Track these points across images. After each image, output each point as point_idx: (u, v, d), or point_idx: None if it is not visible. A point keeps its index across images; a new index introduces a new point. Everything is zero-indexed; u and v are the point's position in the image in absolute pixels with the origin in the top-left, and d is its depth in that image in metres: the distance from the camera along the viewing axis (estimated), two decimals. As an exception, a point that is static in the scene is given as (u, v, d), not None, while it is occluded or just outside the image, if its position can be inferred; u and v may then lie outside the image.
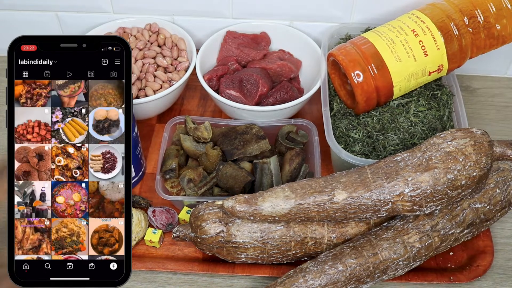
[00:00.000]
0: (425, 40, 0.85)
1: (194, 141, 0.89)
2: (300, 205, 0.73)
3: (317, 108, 1.01)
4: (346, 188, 0.72)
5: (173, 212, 0.86)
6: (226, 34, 1.03)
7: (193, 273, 0.81)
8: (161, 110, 0.99)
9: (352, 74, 0.84)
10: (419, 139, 0.86)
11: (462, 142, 0.73)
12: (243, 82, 0.96)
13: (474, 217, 0.78)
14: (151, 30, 1.02)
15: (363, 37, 0.88)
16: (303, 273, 0.73)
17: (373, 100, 0.86)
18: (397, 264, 0.74)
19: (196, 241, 0.77)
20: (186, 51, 1.01)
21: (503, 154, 0.75)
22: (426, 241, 0.75)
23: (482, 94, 1.06)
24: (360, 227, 0.78)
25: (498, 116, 1.03)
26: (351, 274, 0.73)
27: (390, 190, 0.72)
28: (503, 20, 0.85)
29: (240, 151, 0.87)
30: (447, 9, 0.86)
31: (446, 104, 0.90)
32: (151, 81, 0.95)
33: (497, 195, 0.79)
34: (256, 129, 0.90)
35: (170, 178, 0.86)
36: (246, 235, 0.76)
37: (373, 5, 1.00)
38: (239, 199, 0.74)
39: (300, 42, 1.02)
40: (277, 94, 0.95)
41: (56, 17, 1.05)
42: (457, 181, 0.71)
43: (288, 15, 1.03)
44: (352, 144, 0.86)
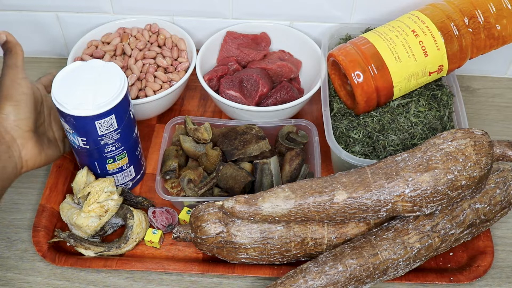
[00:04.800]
0: (425, 40, 0.84)
1: (194, 142, 0.89)
2: (300, 205, 0.73)
3: (317, 108, 1.01)
4: (346, 189, 0.72)
5: (173, 213, 0.86)
6: (226, 35, 1.02)
7: (193, 273, 0.81)
8: (161, 110, 0.99)
9: (352, 75, 0.84)
10: (419, 139, 0.86)
11: (462, 143, 0.73)
12: (243, 83, 0.96)
13: (474, 217, 0.78)
14: (151, 30, 1.02)
15: (363, 38, 0.88)
16: (303, 273, 0.73)
17: (373, 101, 0.86)
18: (397, 265, 0.74)
19: (196, 242, 0.77)
20: (186, 52, 1.01)
21: (503, 155, 0.75)
22: (426, 241, 0.75)
23: (482, 94, 1.06)
24: (360, 228, 0.78)
25: (498, 116, 1.02)
26: (351, 274, 0.73)
27: (390, 190, 0.72)
28: (503, 20, 0.85)
29: (240, 152, 0.87)
30: (447, 10, 0.86)
31: (446, 104, 0.90)
32: (151, 82, 0.95)
33: (497, 196, 0.79)
34: (256, 129, 0.90)
35: (170, 179, 0.86)
36: (246, 236, 0.76)
37: (373, 5, 1.00)
38: (239, 200, 0.74)
39: (300, 42, 1.02)
40: (277, 95, 0.95)
41: (56, 17, 1.05)
42: (457, 181, 0.71)
43: (288, 16, 1.03)
44: (352, 144, 0.86)
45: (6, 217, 0.88)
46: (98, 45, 1.01)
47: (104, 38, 1.02)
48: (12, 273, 0.82)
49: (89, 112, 0.76)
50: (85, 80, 0.78)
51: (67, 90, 0.77)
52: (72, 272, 0.82)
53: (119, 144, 0.82)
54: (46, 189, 0.88)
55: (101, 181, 0.84)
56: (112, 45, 1.00)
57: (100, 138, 0.79)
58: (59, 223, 0.87)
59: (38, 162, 0.80)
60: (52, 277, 0.81)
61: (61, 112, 0.77)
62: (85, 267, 0.81)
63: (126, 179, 0.89)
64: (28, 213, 0.89)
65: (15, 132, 0.77)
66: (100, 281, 0.81)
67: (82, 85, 0.77)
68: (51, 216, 0.86)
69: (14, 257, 0.84)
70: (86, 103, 0.75)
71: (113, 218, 0.84)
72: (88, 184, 0.84)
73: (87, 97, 0.76)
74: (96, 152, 0.82)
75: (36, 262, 0.83)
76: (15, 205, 0.90)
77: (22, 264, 0.83)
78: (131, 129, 0.84)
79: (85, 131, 0.78)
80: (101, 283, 0.81)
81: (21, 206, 0.90)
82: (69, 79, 0.79)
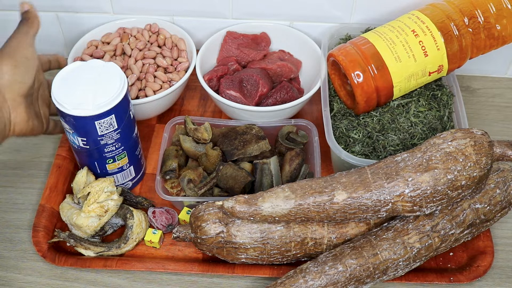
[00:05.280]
0: (425, 40, 0.84)
1: (193, 142, 0.89)
2: (300, 205, 0.73)
3: (317, 108, 1.01)
4: (346, 189, 0.72)
5: (173, 213, 0.86)
6: (226, 35, 1.02)
7: (193, 273, 0.81)
8: (161, 110, 0.99)
9: (352, 75, 0.84)
10: (419, 139, 0.86)
11: (462, 143, 0.73)
12: (243, 83, 0.96)
13: (474, 217, 0.78)
14: (151, 30, 1.02)
15: (363, 38, 0.88)
16: (303, 273, 0.73)
17: (373, 101, 0.86)
18: (397, 265, 0.74)
19: (196, 242, 0.77)
20: (186, 52, 1.01)
21: (503, 155, 0.75)
22: (426, 241, 0.75)
23: (482, 94, 1.06)
24: (360, 228, 0.78)
25: (498, 116, 1.02)
26: (351, 274, 0.73)
27: (390, 190, 0.72)
28: (503, 20, 0.85)
29: (240, 152, 0.87)
30: (447, 10, 0.86)
31: (446, 104, 0.90)
32: (151, 82, 0.95)
33: (497, 196, 0.79)
34: (256, 129, 0.90)
35: (170, 179, 0.86)
36: (246, 236, 0.76)
37: (373, 5, 1.00)
38: (239, 200, 0.74)
39: (300, 42, 1.02)
40: (277, 95, 0.95)
41: (56, 17, 1.05)
42: (457, 181, 0.71)
43: (288, 16, 1.03)
44: (352, 144, 0.86)
45: (6, 217, 0.88)
46: (98, 45, 1.01)
47: (104, 38, 1.02)
48: (12, 273, 0.82)
49: (89, 112, 0.76)
50: (85, 80, 0.78)
51: (67, 90, 0.77)
52: (72, 272, 0.82)
53: (119, 144, 0.82)
54: (46, 189, 0.88)
55: (101, 181, 0.84)
56: (112, 45, 1.00)
57: (100, 138, 0.79)
58: (59, 223, 0.87)
59: (24, 130, 0.79)
60: (52, 277, 0.81)
61: (61, 112, 0.77)
62: (85, 267, 0.81)
63: (126, 179, 0.89)
64: (28, 213, 0.89)
65: (8, 93, 0.76)
66: (100, 281, 0.81)
67: (82, 85, 0.77)
68: (51, 216, 0.86)
69: (14, 257, 0.84)
70: (86, 103, 0.75)
71: (113, 218, 0.84)
72: (88, 184, 0.84)
73: (87, 97, 0.76)
74: (96, 152, 0.82)
75: (36, 262, 0.83)
76: (15, 205, 0.90)
77: (22, 264, 0.83)
78: (131, 129, 0.84)
79: (85, 131, 0.78)
80: (101, 283, 0.81)
81: (21, 206, 0.90)
82: (69, 79, 0.79)
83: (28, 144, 0.97)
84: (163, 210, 0.86)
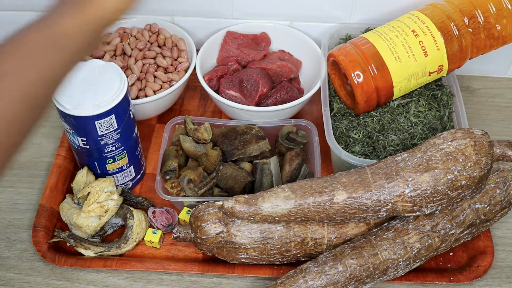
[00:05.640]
0: (425, 40, 0.84)
1: (194, 142, 0.89)
2: (300, 205, 0.73)
3: (317, 108, 1.01)
4: (346, 189, 0.72)
5: (173, 213, 0.86)
6: (226, 35, 1.02)
7: (193, 273, 0.81)
8: (161, 110, 0.99)
9: (352, 75, 0.84)
10: (419, 139, 0.86)
11: (462, 143, 0.73)
12: (243, 83, 0.96)
13: (474, 217, 0.78)
14: (151, 30, 1.02)
15: (363, 38, 0.88)
16: (303, 273, 0.73)
17: (373, 101, 0.86)
18: (397, 265, 0.74)
19: (196, 242, 0.77)
20: (186, 52, 1.01)
21: (503, 155, 0.75)
22: (426, 241, 0.75)
23: (482, 94, 1.06)
24: (360, 228, 0.78)
25: (498, 116, 1.02)
26: (351, 274, 0.73)
27: (390, 190, 0.72)
28: (503, 20, 0.85)
29: (240, 152, 0.87)
30: (447, 10, 0.86)
31: (446, 104, 0.90)
32: (151, 82, 0.95)
33: (497, 196, 0.79)
34: (256, 129, 0.90)
35: (170, 179, 0.86)
36: (246, 236, 0.76)
37: (373, 5, 1.00)
38: (239, 200, 0.74)
39: (300, 42, 1.02)
40: (277, 95, 0.95)
41: (56, 17, 1.05)
42: (457, 181, 0.71)
43: (288, 16, 1.03)
44: (352, 144, 0.86)
45: (6, 217, 0.88)
46: (98, 45, 1.01)
47: (104, 38, 1.02)
48: (12, 273, 0.82)
49: (89, 112, 0.76)
50: (85, 80, 0.78)
51: (67, 90, 0.77)
52: (72, 272, 0.82)
53: (119, 144, 0.82)
54: (46, 189, 0.88)
55: (101, 181, 0.84)
56: (112, 45, 1.00)
57: (100, 138, 0.79)
58: (59, 223, 0.87)
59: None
60: (52, 277, 0.81)
61: (61, 112, 0.77)
62: (85, 267, 0.81)
63: (126, 179, 0.89)
64: (28, 213, 0.89)
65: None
66: (100, 281, 0.81)
67: (82, 85, 0.77)
68: (51, 216, 0.86)
69: (14, 257, 0.84)
70: (86, 103, 0.75)
71: (113, 218, 0.84)
72: (88, 184, 0.84)
73: (87, 97, 0.76)
74: (96, 152, 0.82)
75: (36, 262, 0.83)
76: (15, 205, 0.90)
77: (22, 264, 0.83)
78: (131, 129, 0.84)
79: (85, 131, 0.78)
80: (101, 283, 0.81)
81: (21, 206, 0.90)
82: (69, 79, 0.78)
83: (28, 144, 0.97)
84: (163, 210, 0.85)
